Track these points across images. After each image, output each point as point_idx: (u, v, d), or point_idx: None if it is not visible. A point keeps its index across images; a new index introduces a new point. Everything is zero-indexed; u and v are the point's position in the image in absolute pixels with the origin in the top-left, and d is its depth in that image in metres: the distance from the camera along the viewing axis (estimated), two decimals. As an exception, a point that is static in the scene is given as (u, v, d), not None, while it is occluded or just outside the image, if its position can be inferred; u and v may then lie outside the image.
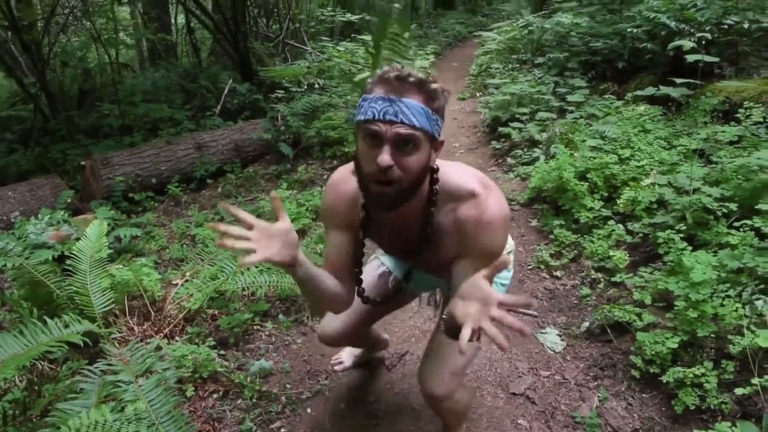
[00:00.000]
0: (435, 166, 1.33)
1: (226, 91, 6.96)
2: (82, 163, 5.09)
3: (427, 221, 1.38)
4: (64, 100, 6.86)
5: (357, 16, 8.88)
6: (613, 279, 2.79)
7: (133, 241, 4.00)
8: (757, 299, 2.06)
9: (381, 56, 4.44)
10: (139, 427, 1.71)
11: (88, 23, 7.97)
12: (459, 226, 1.36)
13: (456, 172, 1.40)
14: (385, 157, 1.17)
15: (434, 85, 1.22)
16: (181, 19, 11.96)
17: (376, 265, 1.87)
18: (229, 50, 7.72)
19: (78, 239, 3.58)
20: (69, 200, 4.66)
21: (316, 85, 6.39)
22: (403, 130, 1.18)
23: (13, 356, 1.84)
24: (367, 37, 8.36)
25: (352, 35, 8.80)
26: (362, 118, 1.21)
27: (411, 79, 1.19)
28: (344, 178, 1.46)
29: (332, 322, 1.85)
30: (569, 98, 5.11)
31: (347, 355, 2.39)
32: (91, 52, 8.36)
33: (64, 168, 5.56)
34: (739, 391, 1.84)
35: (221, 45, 8.16)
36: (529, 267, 3.19)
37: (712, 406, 1.88)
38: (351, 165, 1.43)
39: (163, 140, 5.53)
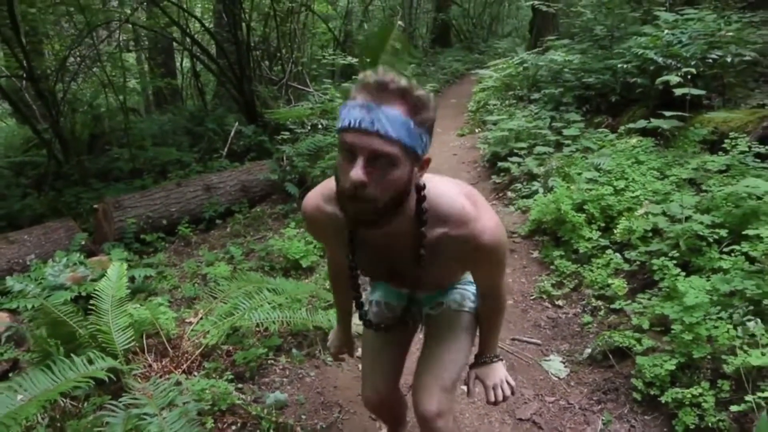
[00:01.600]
0: (422, 184, 1.25)
1: (232, 134, 7.18)
2: (95, 206, 5.25)
3: (418, 243, 1.30)
4: (76, 146, 7.09)
5: (357, 59, 9.18)
6: (612, 306, 2.89)
7: (146, 281, 4.12)
8: (749, 320, 2.17)
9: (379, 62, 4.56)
10: (165, 457, 1.80)
11: (97, 70, 8.29)
12: (456, 252, 1.33)
13: (442, 188, 1.32)
14: (357, 171, 1.08)
15: (421, 93, 1.11)
16: (186, 63, 12.35)
17: (370, 309, 1.83)
18: (234, 93, 7.99)
19: (94, 280, 3.72)
20: (83, 242, 4.80)
21: (320, 126, 6.59)
22: (378, 144, 1.07)
23: (44, 391, 1.94)
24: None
25: (353, 76, 9.09)
26: (339, 125, 1.13)
27: (393, 86, 1.08)
28: (316, 204, 1.41)
29: (369, 386, 1.79)
30: (565, 132, 5.28)
31: None
32: (99, 98, 8.64)
33: (77, 211, 5.73)
34: (734, 408, 1.93)
35: (226, 88, 8.44)
36: (532, 297, 3.30)
37: (710, 425, 1.97)
38: (320, 188, 1.43)
39: (173, 182, 5.71)
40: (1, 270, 4.43)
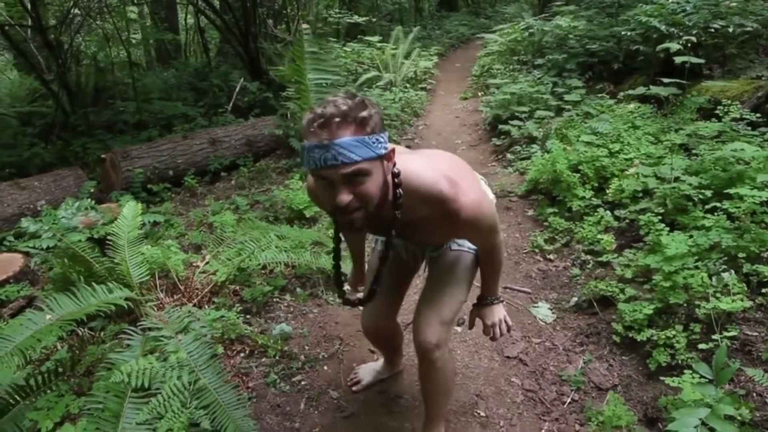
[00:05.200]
0: (396, 170, 1.38)
1: (237, 90, 7.23)
2: (103, 156, 5.36)
3: (393, 219, 1.44)
4: (82, 97, 7.15)
5: (363, 18, 9.15)
6: (600, 260, 3.05)
7: (153, 228, 4.26)
8: (724, 271, 2.33)
9: (307, 75, 4.77)
10: (182, 372, 1.98)
11: (101, 22, 8.28)
12: (442, 226, 1.47)
13: (420, 170, 1.43)
14: (341, 198, 1.24)
15: (362, 113, 1.22)
16: (189, 19, 12.27)
17: (376, 248, 2.02)
18: (239, 50, 8.01)
19: (105, 224, 3.86)
20: (92, 190, 4.93)
21: (324, 84, 6.64)
22: (346, 170, 1.22)
23: (70, 313, 2.10)
24: (373, 39, 8.65)
25: (358, 36, 9.08)
26: (306, 167, 1.27)
27: (336, 119, 1.20)
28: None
29: (367, 313, 2.00)
30: (566, 98, 5.38)
31: (366, 371, 2.38)
32: (103, 50, 8.64)
33: (84, 161, 5.84)
34: (702, 346, 2.10)
35: (231, 45, 8.44)
36: (525, 251, 3.46)
37: (681, 362, 2.14)
38: None
39: (179, 135, 5.79)
40: (13, 214, 4.57)
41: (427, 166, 1.45)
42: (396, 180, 1.39)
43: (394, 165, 1.37)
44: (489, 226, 1.53)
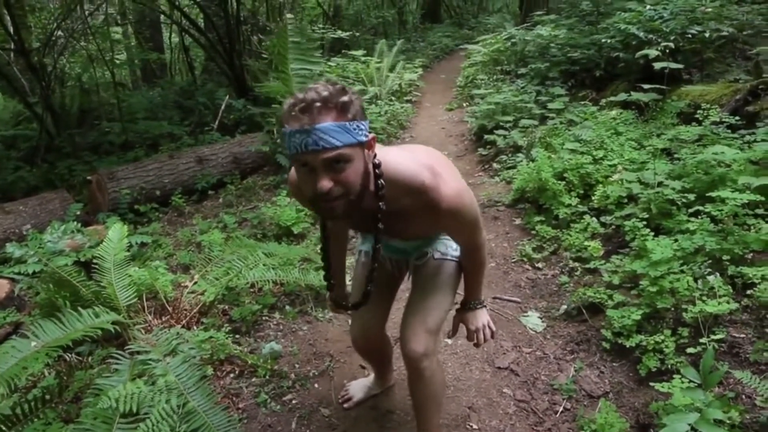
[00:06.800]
0: (377, 161, 1.39)
1: (223, 107, 7.24)
2: (89, 177, 5.33)
3: (377, 211, 1.45)
4: (66, 119, 7.12)
5: (347, 33, 9.21)
6: (588, 266, 3.06)
7: (141, 249, 4.23)
8: (709, 274, 2.35)
9: (289, 64, 4.84)
10: (170, 395, 1.95)
11: (85, 44, 8.27)
12: (423, 217, 1.47)
13: (401, 161, 1.44)
14: (323, 184, 1.24)
15: (342, 98, 1.24)
16: (174, 38, 12.30)
17: (359, 259, 2.02)
18: (224, 68, 8.03)
19: (92, 247, 3.83)
20: (78, 213, 4.90)
21: (308, 75, 6.65)
22: (328, 155, 1.22)
23: (55, 339, 2.07)
24: (357, 53, 8.70)
25: (343, 51, 9.13)
26: (288, 152, 1.28)
27: (317, 104, 1.21)
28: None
29: (356, 325, 2.00)
30: (550, 106, 5.42)
31: (357, 388, 2.36)
32: (87, 72, 8.64)
33: (70, 183, 5.80)
34: (690, 350, 2.11)
35: (216, 62, 8.46)
36: (513, 260, 3.47)
37: (670, 367, 2.15)
38: None
39: (165, 155, 5.78)
40: (-1, 240, 4.52)
41: (408, 158, 1.47)
42: (377, 171, 1.39)
43: (375, 156, 1.38)
44: (470, 217, 1.54)
